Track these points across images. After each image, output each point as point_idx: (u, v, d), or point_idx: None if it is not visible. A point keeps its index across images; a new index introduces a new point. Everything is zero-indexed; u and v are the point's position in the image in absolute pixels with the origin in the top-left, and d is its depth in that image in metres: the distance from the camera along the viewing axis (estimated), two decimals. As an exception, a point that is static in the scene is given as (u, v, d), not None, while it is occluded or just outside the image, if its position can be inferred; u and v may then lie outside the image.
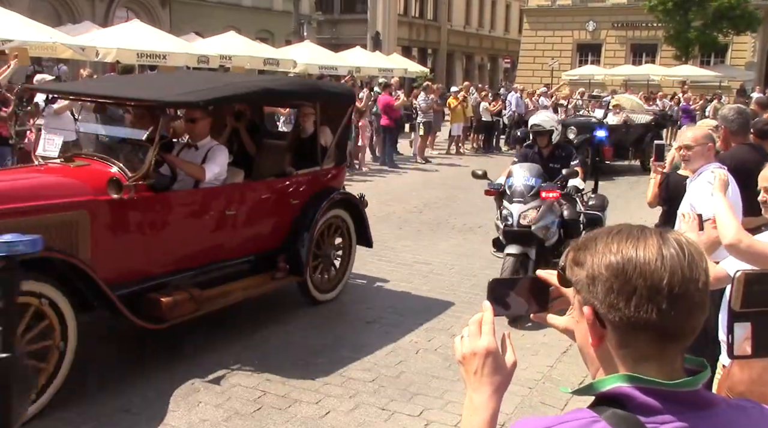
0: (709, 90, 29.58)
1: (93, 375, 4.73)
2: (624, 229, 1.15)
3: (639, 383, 1.09)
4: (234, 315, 6.00)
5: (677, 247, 1.10)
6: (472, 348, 1.25)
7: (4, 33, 12.73)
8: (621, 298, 1.09)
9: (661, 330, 1.09)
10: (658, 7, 31.30)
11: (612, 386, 1.11)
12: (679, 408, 1.08)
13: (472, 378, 1.24)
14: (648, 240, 1.11)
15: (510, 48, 49.19)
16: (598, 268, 1.12)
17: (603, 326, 1.13)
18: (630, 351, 1.12)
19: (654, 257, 1.09)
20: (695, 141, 4.18)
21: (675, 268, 1.08)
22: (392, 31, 39.52)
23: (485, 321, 1.27)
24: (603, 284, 1.11)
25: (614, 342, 1.13)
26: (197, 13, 26.58)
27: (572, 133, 14.92)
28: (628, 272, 1.09)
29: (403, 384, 4.80)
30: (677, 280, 1.08)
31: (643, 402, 1.08)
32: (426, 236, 9.24)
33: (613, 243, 1.12)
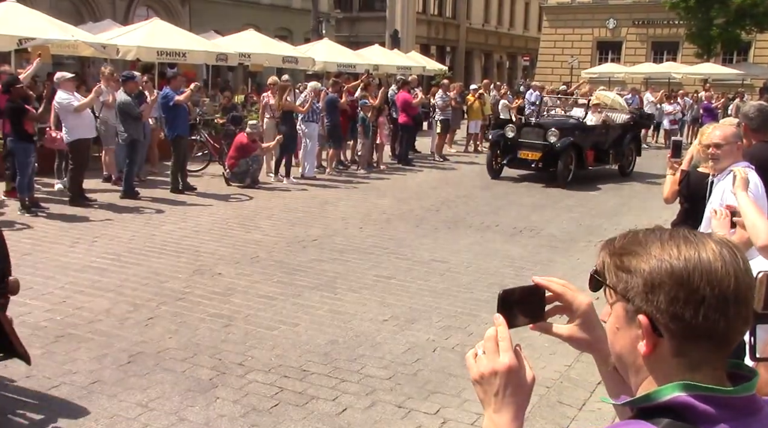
0: (731, 88, 29.25)
1: (110, 370, 4.78)
2: (673, 232, 1.09)
3: (696, 391, 1.04)
4: (251, 312, 6.04)
5: (731, 251, 1.05)
6: (492, 366, 1.16)
7: (26, 32, 12.85)
8: (688, 307, 1.03)
9: (725, 338, 1.05)
10: (679, 4, 30.96)
11: (670, 396, 1.05)
12: (734, 414, 1.04)
13: (492, 399, 1.15)
14: (702, 244, 1.05)
15: (529, 46, 48.93)
16: (659, 275, 1.05)
17: (659, 334, 1.07)
18: (685, 359, 1.07)
19: (719, 262, 1.03)
20: (725, 139, 4.12)
21: (738, 272, 1.04)
22: (411, 29, 39.46)
23: (501, 336, 1.18)
24: (666, 294, 1.05)
25: (670, 350, 1.08)
26: (216, 12, 26.69)
27: (553, 136, 13.28)
28: (694, 280, 1.03)
29: (420, 382, 4.79)
30: (741, 285, 1.04)
31: (703, 410, 1.03)
32: (443, 235, 9.22)
33: (671, 248, 1.06)
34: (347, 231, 9.24)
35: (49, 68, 14.49)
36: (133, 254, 7.73)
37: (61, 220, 9.28)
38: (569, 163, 13.49)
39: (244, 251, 8.04)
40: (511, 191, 12.97)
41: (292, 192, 12.06)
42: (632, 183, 14.42)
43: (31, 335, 5.35)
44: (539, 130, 13.76)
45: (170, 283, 6.76)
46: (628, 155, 15.51)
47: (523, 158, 13.74)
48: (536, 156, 13.51)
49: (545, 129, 13.58)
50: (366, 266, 7.58)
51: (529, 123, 14.47)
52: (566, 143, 13.29)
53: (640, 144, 16.54)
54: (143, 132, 11.47)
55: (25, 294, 6.26)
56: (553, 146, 13.21)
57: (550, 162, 13.33)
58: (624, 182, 14.47)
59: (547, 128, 13.62)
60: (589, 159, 14.28)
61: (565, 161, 13.33)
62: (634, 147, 15.84)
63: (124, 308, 6.01)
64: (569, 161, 13.49)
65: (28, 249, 7.78)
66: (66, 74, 10.59)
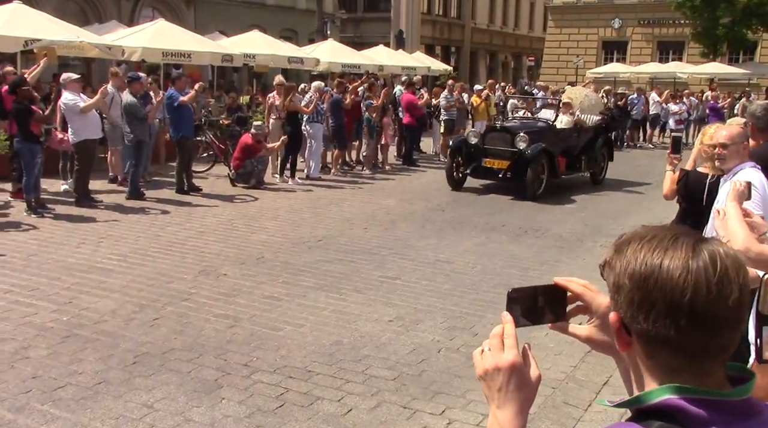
0: (737, 88, 29.16)
1: (115, 371, 4.79)
2: (658, 234, 1.09)
3: (689, 394, 1.04)
4: (256, 313, 6.04)
5: (708, 260, 1.03)
6: (496, 363, 1.17)
7: (32, 33, 12.89)
8: (641, 311, 1.05)
9: (682, 348, 1.04)
10: (685, 3, 30.88)
11: (661, 398, 1.06)
12: (729, 418, 1.04)
13: (496, 395, 1.17)
14: (677, 251, 1.05)
15: (534, 46, 48.87)
16: (623, 276, 1.08)
17: (630, 334, 1.10)
18: (657, 362, 1.08)
19: (678, 271, 1.03)
20: (731, 139, 4.11)
21: (700, 285, 1.02)
22: (415, 30, 39.45)
23: (507, 333, 1.20)
24: (626, 295, 1.08)
25: (641, 352, 1.10)
26: (221, 12, 26.73)
27: (522, 142, 11.89)
28: (649, 285, 1.04)
29: (425, 382, 4.78)
30: (701, 298, 1.02)
31: (695, 413, 1.03)
32: (449, 235, 9.21)
33: (640, 251, 1.08)
34: (352, 232, 9.24)
35: (55, 69, 14.52)
36: (138, 255, 7.74)
37: (66, 221, 9.30)
38: (540, 172, 12.17)
39: (249, 251, 8.05)
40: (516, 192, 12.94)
41: (297, 193, 12.07)
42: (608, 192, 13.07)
43: (37, 335, 5.37)
44: (506, 135, 12.38)
45: (175, 284, 6.77)
46: (600, 161, 14.19)
47: (488, 166, 12.32)
48: (503, 165, 12.12)
49: (513, 134, 12.18)
50: (371, 267, 7.58)
51: (494, 127, 13.16)
52: (537, 150, 11.87)
53: (612, 148, 15.09)
54: (149, 133, 11.49)
55: (31, 295, 6.29)
56: (523, 153, 11.83)
57: (519, 171, 11.95)
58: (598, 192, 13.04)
59: (516, 132, 12.20)
60: (561, 167, 12.87)
61: (536, 170, 11.98)
62: (607, 152, 14.53)
63: (130, 309, 6.02)
64: (540, 170, 12.16)
65: (34, 250, 7.80)
66: (72, 75, 10.62)
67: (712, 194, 4.62)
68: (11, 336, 5.34)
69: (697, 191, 4.74)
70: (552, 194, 12.21)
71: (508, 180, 12.28)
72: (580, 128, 13.65)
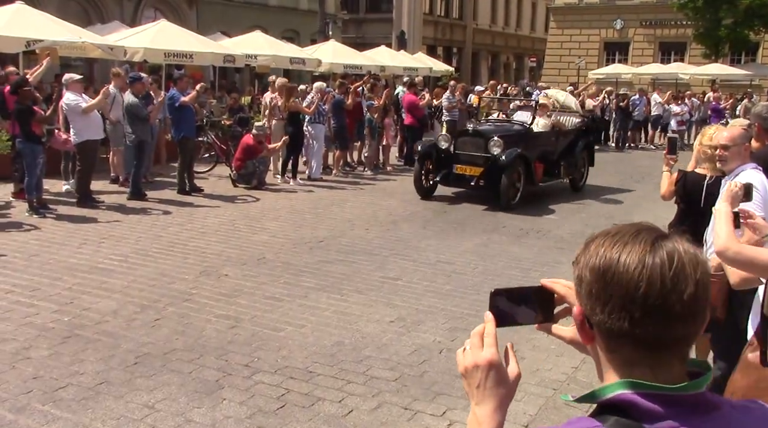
0: (739, 89, 29.12)
1: (117, 371, 4.79)
2: (622, 230, 1.13)
3: (641, 389, 1.07)
4: (257, 313, 6.04)
5: (665, 256, 1.06)
6: (474, 361, 1.21)
7: (34, 33, 12.91)
8: (598, 303, 1.09)
9: (637, 339, 1.07)
10: (687, 4, 30.85)
11: (615, 393, 1.09)
12: (683, 412, 1.06)
13: (475, 392, 1.20)
14: (635, 246, 1.08)
15: (536, 47, 48.87)
16: (584, 269, 1.12)
17: (592, 328, 1.13)
18: (617, 356, 1.11)
19: (634, 265, 1.06)
20: (732, 141, 4.10)
21: (654, 279, 1.05)
22: (417, 30, 39.47)
23: (487, 332, 1.23)
24: (585, 287, 1.11)
25: (602, 345, 1.13)
26: (224, 13, 26.75)
27: (497, 147, 10.98)
28: (606, 278, 1.08)
29: (427, 383, 4.78)
30: (654, 291, 1.05)
31: (648, 408, 1.05)
32: (449, 236, 9.20)
33: (602, 246, 1.11)
34: (353, 232, 9.24)
35: (57, 70, 14.55)
36: (140, 256, 7.75)
37: (68, 221, 9.31)
38: (516, 179, 11.26)
39: (250, 252, 8.05)
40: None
41: (299, 194, 12.07)
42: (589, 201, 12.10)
43: (38, 336, 5.37)
44: (479, 139, 11.43)
45: (177, 284, 6.78)
46: (580, 167, 13.24)
47: (460, 173, 11.45)
48: (476, 172, 11.24)
49: (486, 138, 11.25)
50: (372, 268, 7.58)
51: (466, 131, 12.05)
52: (512, 156, 10.95)
53: (593, 152, 14.05)
54: (150, 133, 11.50)
55: (32, 295, 6.30)
56: (497, 159, 10.95)
57: (492, 179, 11.06)
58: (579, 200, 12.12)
59: (489, 136, 11.27)
60: (538, 173, 11.93)
61: (511, 178, 11.06)
62: (587, 157, 13.57)
63: (131, 310, 6.03)
64: (516, 178, 11.25)
65: (35, 250, 7.80)
66: (74, 76, 10.63)
67: (710, 195, 4.62)
68: (12, 336, 5.35)
69: (696, 192, 4.74)
70: (529, 202, 11.44)
71: (481, 188, 11.42)
72: (559, 131, 12.89)
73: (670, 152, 5.17)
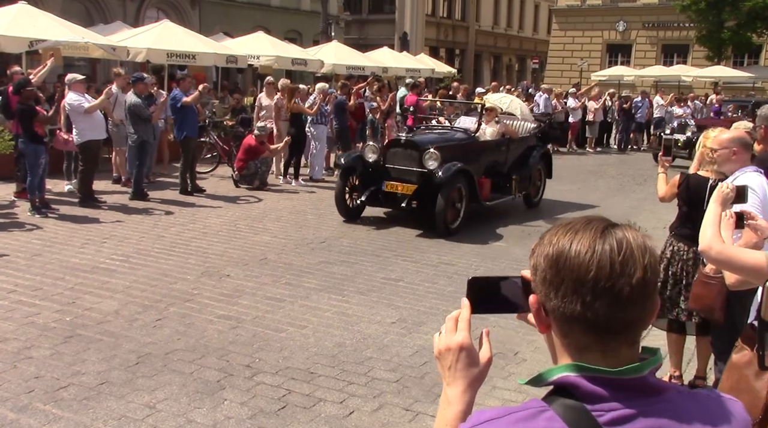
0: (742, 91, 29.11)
1: (118, 371, 4.79)
2: (574, 221, 1.19)
3: (585, 372, 1.12)
4: (259, 314, 6.04)
5: (615, 243, 1.12)
6: (447, 344, 1.26)
7: (37, 33, 12.93)
8: (552, 288, 1.14)
9: (589, 322, 1.11)
10: (690, 6, 30.84)
11: (559, 375, 1.13)
12: (627, 395, 1.11)
13: (446, 373, 1.26)
14: (585, 234, 1.14)
15: (538, 48, 48.87)
16: (539, 258, 1.18)
17: (548, 315, 1.17)
18: (571, 341, 1.15)
19: (584, 251, 1.12)
20: (720, 144, 4.11)
21: (604, 263, 1.10)
22: (420, 32, 39.49)
23: (462, 317, 1.28)
24: (540, 274, 1.17)
25: (556, 331, 1.17)
26: (226, 14, 26.78)
27: (432, 160, 9.07)
28: (559, 264, 1.13)
29: (428, 384, 4.78)
30: (604, 274, 1.10)
31: (590, 390, 1.10)
32: (452, 237, 9.19)
33: (554, 235, 1.17)
34: (355, 233, 9.24)
35: (60, 70, 14.57)
36: (141, 256, 7.75)
37: (70, 221, 9.32)
38: (456, 199, 9.38)
39: (252, 253, 8.05)
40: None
41: (301, 194, 12.07)
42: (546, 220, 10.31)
43: (40, 335, 5.37)
44: (413, 151, 9.45)
45: (179, 284, 6.78)
46: (536, 180, 11.48)
47: (390, 191, 9.50)
48: (409, 190, 9.32)
49: (421, 149, 9.29)
50: (374, 269, 7.58)
51: (398, 140, 10.01)
52: (452, 171, 9.05)
53: (551, 163, 12.08)
54: (153, 133, 11.51)
55: (34, 295, 6.30)
56: (433, 175, 9.06)
57: (427, 198, 9.20)
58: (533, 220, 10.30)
59: (424, 147, 9.30)
60: (485, 190, 10.07)
61: (449, 197, 9.14)
62: (544, 168, 11.76)
63: (133, 310, 6.03)
64: (456, 197, 9.36)
65: (38, 250, 7.81)
66: (77, 76, 10.64)
67: None
68: (14, 336, 5.35)
69: (699, 194, 4.73)
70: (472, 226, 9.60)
71: (414, 210, 9.47)
72: (510, 139, 10.93)
73: (665, 154, 5.18)
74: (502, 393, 4.66)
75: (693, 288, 4.13)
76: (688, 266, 4.71)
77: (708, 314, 4.04)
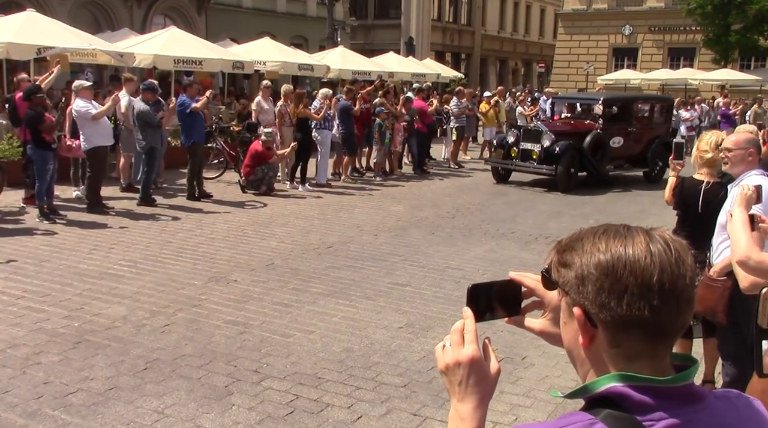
0: (749, 94, 29.02)
1: (126, 377, 4.80)
2: (610, 228, 1.15)
3: (633, 381, 1.09)
4: (266, 319, 6.05)
5: (664, 243, 1.10)
6: (456, 358, 1.21)
7: (45, 40, 13.01)
8: (612, 297, 1.09)
9: (654, 327, 1.09)
10: (696, 10, 30.80)
11: (606, 386, 1.10)
12: (672, 403, 1.08)
13: (457, 389, 1.21)
14: (635, 238, 1.11)
15: (544, 52, 48.86)
16: (588, 268, 1.11)
17: (594, 326, 1.13)
18: (621, 350, 1.12)
19: (643, 254, 1.09)
20: (736, 145, 4.10)
21: (664, 264, 1.08)
22: (426, 37, 39.53)
23: (467, 328, 1.23)
24: (593, 284, 1.10)
25: (605, 341, 1.13)
26: (232, 20, 26.87)
27: None
28: (618, 271, 1.09)
29: (435, 389, 4.77)
30: (667, 276, 1.08)
31: (639, 400, 1.08)
32: (458, 242, 9.19)
33: (600, 242, 1.12)
34: (362, 238, 9.25)
35: (68, 77, 14.67)
36: (149, 261, 7.78)
37: (78, 227, 9.36)
38: None
39: (259, 258, 8.07)
40: (526, 199, 12.92)
41: (307, 199, 12.09)
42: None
43: (48, 341, 5.40)
44: None
45: (186, 290, 6.80)
46: None
47: None
48: None
49: None
50: (381, 274, 7.58)
51: None
52: None
53: None
54: (161, 139, 11.56)
55: (43, 301, 6.33)
56: None
57: None
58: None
59: None
60: None
61: None
62: None
63: (141, 315, 6.05)
64: None
65: (46, 256, 7.85)
66: (84, 83, 10.69)
67: (707, 201, 4.60)
68: (23, 342, 5.38)
69: (693, 197, 4.74)
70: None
71: None
72: None
73: (676, 157, 5.17)
74: (510, 398, 4.65)
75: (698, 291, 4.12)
76: None
77: (712, 317, 4.04)
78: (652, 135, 15.34)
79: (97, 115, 10.19)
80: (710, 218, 4.24)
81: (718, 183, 4.63)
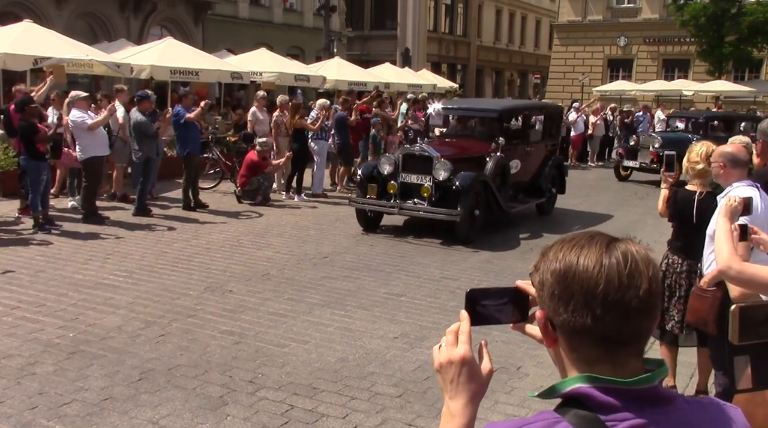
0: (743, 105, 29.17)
1: (121, 387, 4.80)
2: (577, 237, 1.21)
3: (598, 383, 1.13)
4: (261, 329, 6.05)
5: (620, 256, 1.14)
6: (449, 357, 1.26)
7: (41, 51, 13.03)
8: (561, 303, 1.16)
9: (599, 335, 1.13)
10: (690, 21, 30.98)
11: (572, 387, 1.15)
12: (638, 405, 1.12)
13: (448, 387, 1.26)
14: (591, 249, 1.16)
15: (540, 64, 49.06)
16: (545, 274, 1.19)
17: (555, 329, 1.19)
18: (580, 354, 1.17)
19: (592, 265, 1.14)
20: (712, 158, 4.14)
21: (612, 276, 1.12)
22: (422, 47, 39.67)
23: (462, 330, 1.29)
24: (548, 290, 1.18)
25: (564, 345, 1.19)
26: (229, 31, 26.94)
27: None
28: (567, 279, 1.15)
29: (430, 399, 4.78)
30: (613, 287, 1.12)
31: (603, 401, 1.12)
32: (454, 252, 9.21)
33: (560, 251, 1.19)
34: (358, 249, 9.25)
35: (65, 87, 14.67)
36: (145, 272, 7.78)
37: (74, 237, 9.35)
38: None
39: (255, 268, 8.07)
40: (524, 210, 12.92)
41: (303, 209, 12.11)
42: None
43: (43, 351, 5.39)
44: None
45: (181, 300, 6.80)
46: None
47: None
48: None
49: None
50: (376, 284, 7.59)
51: None
52: None
53: None
54: (157, 150, 11.57)
55: (38, 311, 6.32)
56: None
57: None
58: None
59: None
60: None
61: None
62: None
63: (136, 325, 6.04)
64: None
65: (41, 266, 7.84)
66: (80, 93, 10.71)
67: (701, 211, 4.62)
68: (18, 352, 5.37)
69: (687, 208, 4.77)
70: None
71: None
72: None
73: (667, 170, 5.19)
74: (504, 407, 4.66)
75: (689, 301, 4.15)
76: (681, 279, 4.80)
77: (703, 327, 4.06)
78: (544, 154, 12.27)
79: (92, 125, 10.20)
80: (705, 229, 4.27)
81: (711, 193, 4.66)
